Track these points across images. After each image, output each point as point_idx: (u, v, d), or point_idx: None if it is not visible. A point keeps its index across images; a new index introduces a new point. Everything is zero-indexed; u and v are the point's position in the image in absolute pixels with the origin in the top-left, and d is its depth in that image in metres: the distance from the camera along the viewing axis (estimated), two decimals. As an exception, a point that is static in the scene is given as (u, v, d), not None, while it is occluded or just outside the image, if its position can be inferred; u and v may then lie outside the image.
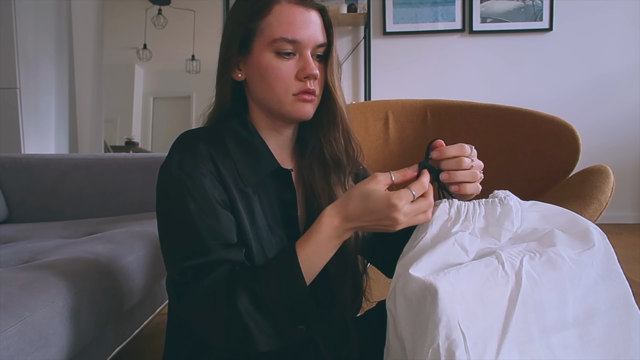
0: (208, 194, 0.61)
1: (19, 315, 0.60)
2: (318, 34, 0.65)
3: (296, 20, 0.63)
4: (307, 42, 0.63)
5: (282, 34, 0.62)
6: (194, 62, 3.33)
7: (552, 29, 3.16)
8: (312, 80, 0.65)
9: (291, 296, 0.56)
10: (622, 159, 3.13)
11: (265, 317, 0.56)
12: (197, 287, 0.58)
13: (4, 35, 2.24)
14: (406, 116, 1.35)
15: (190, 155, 0.63)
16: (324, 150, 0.69)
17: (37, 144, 2.41)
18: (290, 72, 0.64)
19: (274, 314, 0.56)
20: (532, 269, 0.46)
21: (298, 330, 0.57)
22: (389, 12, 3.22)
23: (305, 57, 0.64)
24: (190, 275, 0.58)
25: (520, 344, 0.43)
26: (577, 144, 1.11)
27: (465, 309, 0.43)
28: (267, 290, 0.56)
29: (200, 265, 0.59)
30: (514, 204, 0.55)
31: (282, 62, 0.63)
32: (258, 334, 0.55)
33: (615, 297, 0.48)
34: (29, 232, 1.21)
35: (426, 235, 0.54)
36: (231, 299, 0.56)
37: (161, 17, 3.30)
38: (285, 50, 0.63)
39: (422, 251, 0.52)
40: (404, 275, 0.48)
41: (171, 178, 0.62)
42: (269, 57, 0.64)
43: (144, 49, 3.33)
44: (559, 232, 0.51)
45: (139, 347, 1.31)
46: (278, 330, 0.56)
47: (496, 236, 0.53)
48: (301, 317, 0.57)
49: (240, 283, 0.57)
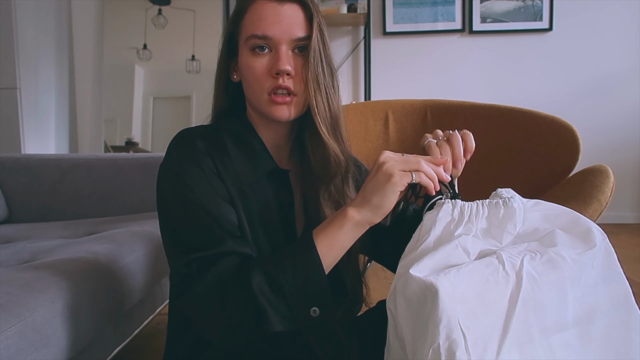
0: (209, 188, 0.60)
1: (19, 315, 0.60)
2: (294, 28, 0.62)
3: (267, 16, 0.61)
4: (280, 37, 0.61)
5: (253, 30, 0.62)
6: (194, 62, 3.33)
7: (552, 29, 3.16)
8: (285, 76, 0.62)
9: (307, 278, 0.55)
10: (622, 159, 3.13)
11: (279, 297, 0.55)
12: (203, 279, 0.57)
13: (4, 35, 2.23)
14: (406, 116, 1.35)
15: (189, 151, 0.62)
16: (319, 150, 0.66)
17: (37, 144, 2.41)
18: (264, 69, 0.62)
19: (289, 294, 0.55)
20: (532, 269, 0.46)
21: (311, 312, 0.56)
22: (389, 12, 3.22)
23: (278, 53, 0.61)
24: (196, 266, 0.58)
25: (521, 344, 0.43)
26: (577, 144, 1.11)
27: (466, 309, 0.43)
28: (283, 271, 0.55)
29: (207, 257, 0.58)
30: (517, 206, 0.55)
31: (257, 60, 0.62)
32: (273, 313, 0.54)
33: (616, 297, 0.48)
34: (29, 232, 1.21)
35: (429, 238, 0.54)
36: (244, 280, 0.55)
37: (161, 17, 3.30)
38: (258, 47, 0.62)
39: (424, 253, 0.52)
40: (405, 275, 0.48)
41: (171, 174, 0.62)
42: (246, 56, 0.63)
43: (144, 49, 3.33)
44: (561, 232, 0.51)
45: (139, 347, 1.31)
46: (292, 311, 0.55)
47: (497, 238, 0.53)
48: (316, 300, 0.56)
49: (253, 266, 0.56)
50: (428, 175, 0.56)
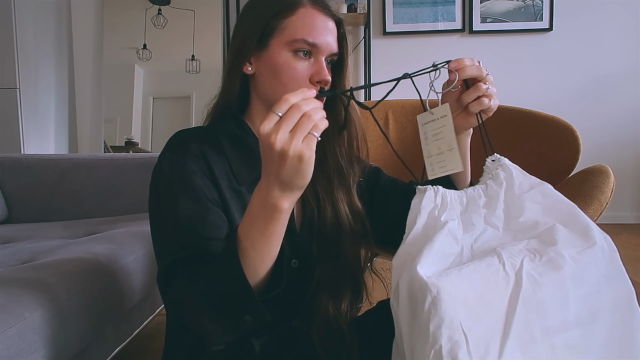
0: (197, 192, 0.61)
1: (19, 316, 0.60)
2: (333, 43, 0.67)
3: (318, 25, 0.65)
4: (324, 48, 0.66)
5: (304, 35, 0.64)
6: (193, 62, 3.33)
7: (552, 29, 3.16)
8: (324, 85, 0.66)
9: (231, 290, 0.55)
10: (622, 159, 3.13)
11: (210, 309, 0.56)
12: (177, 281, 0.59)
13: (4, 35, 2.23)
14: (406, 116, 1.35)
15: (181, 153, 0.64)
16: (328, 158, 0.71)
17: (37, 144, 2.41)
18: (305, 74, 0.65)
19: (220, 306, 0.56)
20: (532, 269, 0.46)
21: (245, 320, 0.56)
22: (389, 12, 3.22)
23: (319, 62, 0.66)
24: (172, 269, 0.60)
25: (523, 344, 0.42)
26: (577, 144, 1.11)
27: (468, 310, 0.43)
28: (209, 283, 0.56)
29: (183, 259, 0.59)
30: (502, 189, 0.55)
31: (299, 63, 0.65)
32: (213, 327, 0.56)
33: (619, 297, 0.47)
34: (29, 232, 1.21)
35: (417, 225, 0.54)
36: (181, 289, 0.58)
37: (161, 17, 3.30)
38: (303, 52, 0.65)
39: (417, 242, 0.52)
40: (409, 271, 0.48)
41: (162, 177, 0.63)
42: (286, 56, 0.65)
43: (143, 49, 3.33)
44: (561, 228, 0.51)
45: (139, 347, 1.31)
46: (227, 320, 0.56)
47: (477, 224, 0.54)
48: (245, 309, 0.56)
49: (189, 275, 0.58)
50: (320, 122, 0.50)
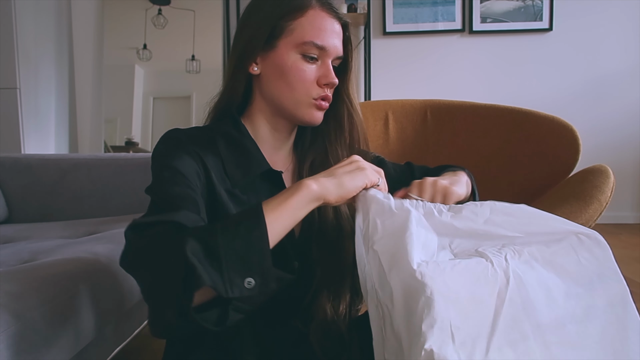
0: (181, 171, 0.60)
1: (18, 316, 0.60)
2: (340, 46, 0.68)
3: (327, 28, 0.66)
4: (332, 51, 0.66)
5: (313, 38, 0.64)
6: (193, 62, 3.33)
7: (552, 29, 3.16)
8: (330, 88, 0.67)
9: (247, 242, 0.50)
10: (622, 159, 3.13)
11: (212, 259, 0.48)
12: (142, 237, 0.53)
13: (4, 35, 2.24)
14: (406, 116, 1.35)
15: (175, 142, 0.64)
16: (329, 158, 0.71)
17: (37, 144, 2.41)
18: (312, 76, 0.66)
19: (224, 257, 0.48)
20: (516, 267, 0.46)
21: (246, 283, 0.49)
22: (389, 12, 3.22)
23: (327, 65, 0.66)
24: (138, 228, 0.54)
25: (512, 342, 0.42)
26: (577, 144, 1.11)
27: (458, 309, 0.43)
28: (222, 234, 0.49)
29: (151, 222, 0.54)
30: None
31: (307, 65, 0.66)
32: (203, 271, 0.47)
33: (612, 295, 0.47)
34: (29, 232, 1.21)
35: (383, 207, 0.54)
36: (178, 243, 0.48)
37: (161, 17, 3.30)
38: (311, 55, 0.65)
39: (390, 225, 0.51)
40: (402, 269, 0.47)
41: (153, 161, 0.63)
42: (294, 58, 0.65)
43: (144, 49, 3.33)
44: (533, 228, 0.51)
45: (139, 347, 1.31)
46: (224, 277, 0.48)
47: (441, 228, 0.54)
48: (253, 269, 0.49)
49: (191, 231, 0.51)
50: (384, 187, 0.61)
